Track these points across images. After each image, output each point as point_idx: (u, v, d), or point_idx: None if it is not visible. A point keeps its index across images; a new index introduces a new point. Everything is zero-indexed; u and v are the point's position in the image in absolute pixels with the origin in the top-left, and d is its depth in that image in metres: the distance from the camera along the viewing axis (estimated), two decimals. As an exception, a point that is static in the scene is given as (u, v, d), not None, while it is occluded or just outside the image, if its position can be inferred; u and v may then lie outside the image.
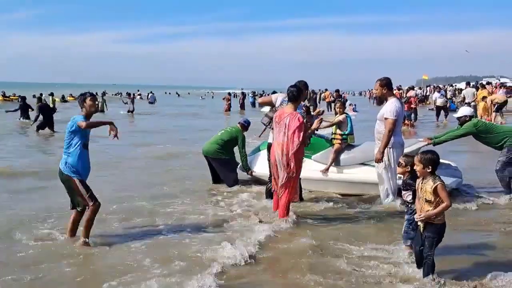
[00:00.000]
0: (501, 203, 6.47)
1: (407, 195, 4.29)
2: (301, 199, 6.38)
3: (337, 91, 25.45)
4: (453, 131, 7.02)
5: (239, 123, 7.91)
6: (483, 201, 6.58)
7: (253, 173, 7.38)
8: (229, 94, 34.34)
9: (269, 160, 5.90)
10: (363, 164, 6.77)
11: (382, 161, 5.92)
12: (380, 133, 5.98)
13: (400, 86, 29.31)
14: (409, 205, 4.30)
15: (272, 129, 5.81)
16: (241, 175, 7.65)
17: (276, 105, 6.07)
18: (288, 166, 5.35)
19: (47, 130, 16.03)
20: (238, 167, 7.54)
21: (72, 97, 41.90)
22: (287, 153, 5.31)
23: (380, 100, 6.09)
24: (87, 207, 4.72)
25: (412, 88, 28.84)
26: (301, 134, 5.32)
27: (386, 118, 5.85)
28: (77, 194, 4.71)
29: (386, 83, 6.00)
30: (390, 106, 5.85)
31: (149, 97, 41.81)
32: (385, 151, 5.90)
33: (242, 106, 30.43)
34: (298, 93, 5.50)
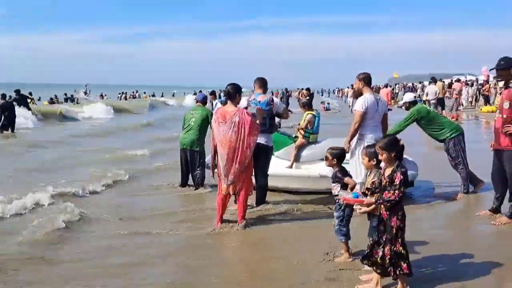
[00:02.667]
0: (456, 198, 6.63)
1: (336, 187, 4.32)
2: (266, 202, 6.42)
3: (308, 89, 25.25)
4: (401, 121, 6.92)
5: (197, 102, 7.97)
6: (439, 194, 6.84)
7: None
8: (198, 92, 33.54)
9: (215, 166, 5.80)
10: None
11: (348, 152, 5.97)
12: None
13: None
14: (338, 200, 4.32)
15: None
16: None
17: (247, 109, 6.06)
18: (244, 159, 5.45)
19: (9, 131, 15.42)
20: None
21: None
22: (241, 147, 5.39)
23: (358, 95, 6.09)
24: None
25: (386, 86, 29.46)
26: (256, 127, 5.54)
27: (354, 111, 5.95)
28: None
29: (363, 78, 5.98)
30: (361, 100, 5.89)
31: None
32: (354, 144, 5.85)
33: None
34: (234, 91, 5.66)
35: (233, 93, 5.66)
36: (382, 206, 3.55)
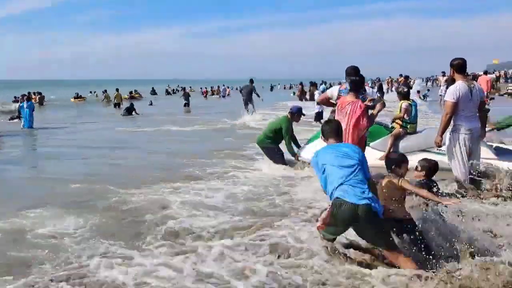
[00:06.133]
0: None
1: None
2: None
3: (407, 77, 24.18)
4: None
5: (289, 111, 8.09)
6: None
7: (299, 158, 7.58)
8: (301, 83, 34.72)
9: None
10: (423, 150, 6.58)
11: (441, 146, 5.68)
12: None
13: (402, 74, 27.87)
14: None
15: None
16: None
17: (334, 99, 6.02)
18: None
19: None
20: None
21: (137, 93, 42.29)
22: (350, 140, 5.29)
23: (451, 83, 5.76)
24: None
25: (485, 73, 27.49)
26: (366, 119, 5.40)
27: (445, 101, 5.63)
28: None
29: (454, 64, 5.63)
30: (451, 89, 5.57)
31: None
32: (448, 136, 5.59)
33: (300, 97, 30.74)
34: (361, 82, 5.60)
35: (359, 83, 5.62)
36: None
